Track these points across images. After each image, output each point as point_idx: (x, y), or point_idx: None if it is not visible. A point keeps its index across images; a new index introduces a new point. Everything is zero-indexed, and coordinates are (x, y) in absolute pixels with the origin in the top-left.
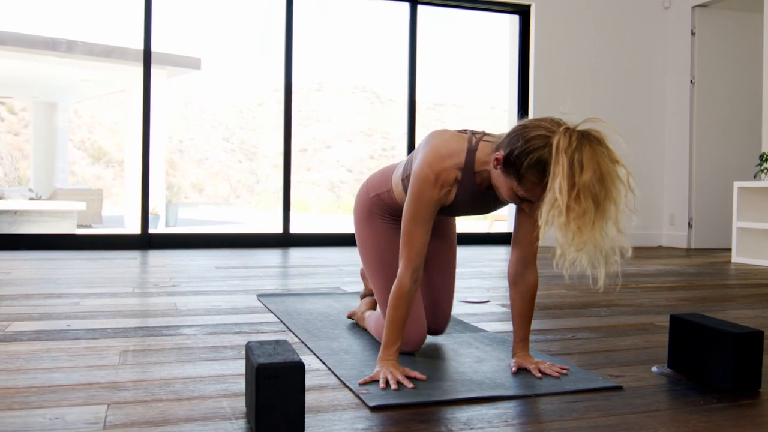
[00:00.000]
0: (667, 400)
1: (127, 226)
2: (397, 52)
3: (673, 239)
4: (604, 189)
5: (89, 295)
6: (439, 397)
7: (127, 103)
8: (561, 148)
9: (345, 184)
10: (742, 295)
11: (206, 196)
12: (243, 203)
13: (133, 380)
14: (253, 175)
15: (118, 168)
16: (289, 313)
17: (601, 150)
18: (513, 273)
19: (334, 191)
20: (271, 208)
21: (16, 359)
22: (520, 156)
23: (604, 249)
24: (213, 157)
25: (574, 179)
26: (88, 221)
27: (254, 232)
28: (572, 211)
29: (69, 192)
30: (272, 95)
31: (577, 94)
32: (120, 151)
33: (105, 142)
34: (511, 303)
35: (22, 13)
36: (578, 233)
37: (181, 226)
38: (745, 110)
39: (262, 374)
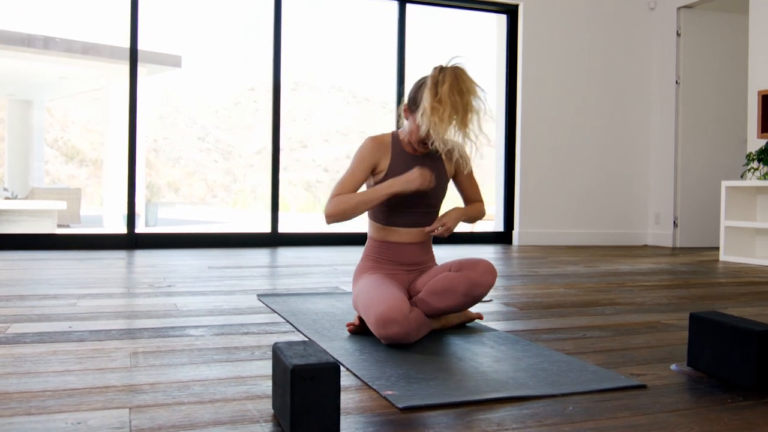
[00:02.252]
0: (693, 399)
1: (106, 226)
2: (375, 52)
3: (658, 238)
4: (462, 98)
5: (85, 295)
6: (467, 398)
7: (106, 101)
8: (431, 75)
9: (321, 184)
10: (740, 293)
11: (182, 196)
12: (220, 202)
13: (149, 383)
14: (228, 175)
15: (92, 167)
16: (293, 313)
17: (459, 72)
18: None
19: (310, 191)
20: (249, 208)
21: (23, 362)
22: (413, 93)
23: (466, 134)
24: (188, 157)
25: (436, 89)
26: (66, 221)
27: (242, 231)
28: (436, 111)
29: (47, 191)
30: (248, 94)
31: (564, 94)
32: (94, 150)
33: (79, 141)
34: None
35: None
36: (440, 124)
37: (161, 226)
38: (730, 110)
39: (297, 376)
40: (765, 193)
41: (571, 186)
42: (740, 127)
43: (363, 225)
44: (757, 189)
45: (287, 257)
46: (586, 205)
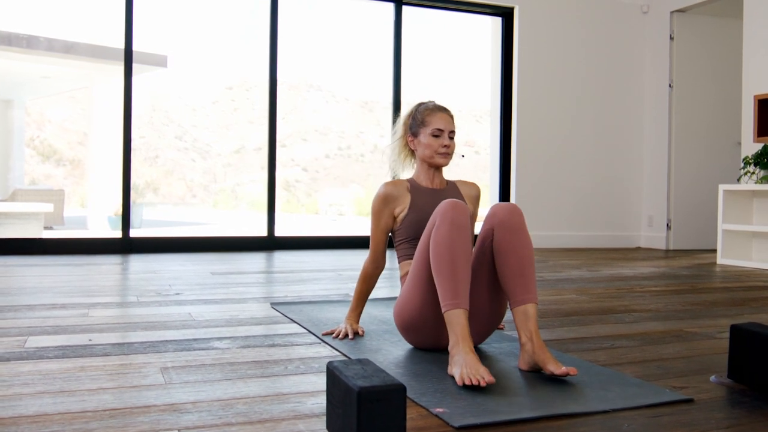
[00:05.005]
0: (744, 413)
1: (90, 228)
2: (359, 51)
3: (651, 240)
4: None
5: (95, 305)
6: (520, 415)
7: (90, 101)
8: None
9: (301, 183)
10: (750, 299)
11: (162, 196)
12: (200, 203)
13: (191, 401)
14: (207, 174)
15: (69, 166)
16: (313, 323)
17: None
18: None
19: (289, 190)
20: (231, 208)
21: (53, 379)
22: (410, 120)
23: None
24: (165, 156)
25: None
26: (49, 222)
27: (239, 235)
28: (434, 115)
29: (30, 192)
30: (226, 93)
31: (558, 97)
32: (71, 149)
33: (55, 140)
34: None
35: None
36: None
37: (146, 228)
38: (724, 114)
39: (364, 398)
40: (761, 197)
41: (565, 188)
42: (733, 131)
43: (361, 228)
44: (753, 192)
45: (287, 262)
46: (580, 207)
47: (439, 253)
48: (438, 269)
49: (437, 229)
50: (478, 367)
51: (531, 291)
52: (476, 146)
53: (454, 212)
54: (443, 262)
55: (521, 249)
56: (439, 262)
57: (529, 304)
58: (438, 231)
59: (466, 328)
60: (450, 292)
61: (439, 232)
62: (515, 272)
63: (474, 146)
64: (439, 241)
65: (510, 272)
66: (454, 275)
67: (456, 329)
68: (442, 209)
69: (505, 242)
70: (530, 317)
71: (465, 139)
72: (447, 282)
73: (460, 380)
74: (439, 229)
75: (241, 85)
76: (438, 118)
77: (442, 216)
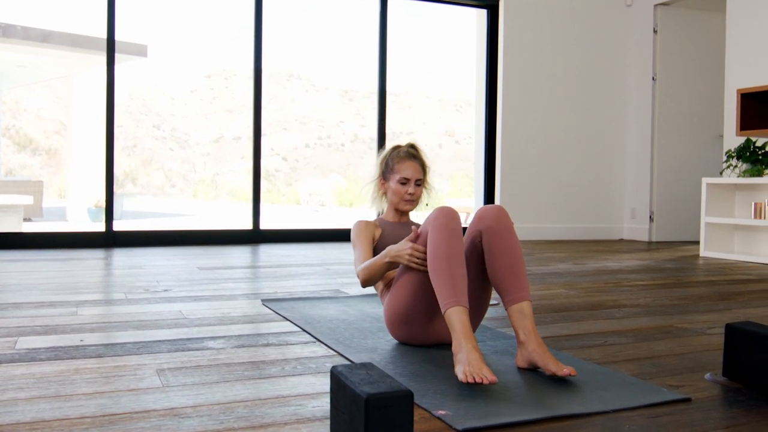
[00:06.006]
0: (742, 413)
1: (70, 220)
2: (340, 41)
3: (634, 232)
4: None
5: (83, 303)
6: (523, 417)
7: (68, 91)
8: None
9: (280, 173)
10: (736, 292)
11: (141, 186)
12: (180, 193)
13: (191, 405)
14: (186, 164)
15: (45, 156)
16: (307, 321)
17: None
18: None
19: (269, 179)
20: (211, 198)
21: (48, 383)
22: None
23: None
24: (143, 145)
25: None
26: (28, 214)
27: (224, 228)
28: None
29: (8, 184)
30: (204, 82)
31: (543, 89)
32: (48, 138)
33: (31, 129)
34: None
35: None
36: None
37: (127, 219)
38: (707, 108)
39: (372, 405)
40: (743, 190)
41: (549, 181)
42: (715, 124)
43: (344, 221)
44: (735, 186)
45: (274, 256)
46: (563, 199)
47: (437, 255)
48: (435, 271)
49: (432, 234)
50: (482, 366)
51: (524, 289)
52: (456, 136)
53: (447, 218)
54: (441, 264)
55: (511, 249)
56: (437, 264)
57: (524, 302)
58: (433, 236)
59: (468, 324)
60: (449, 291)
61: (434, 237)
62: (508, 272)
63: (454, 136)
64: (436, 245)
65: (502, 272)
66: (452, 275)
67: (457, 327)
68: (434, 216)
69: (495, 244)
70: (526, 315)
71: (446, 129)
72: (445, 282)
73: (463, 377)
74: (434, 234)
75: (219, 74)
76: (406, 166)
77: (435, 221)
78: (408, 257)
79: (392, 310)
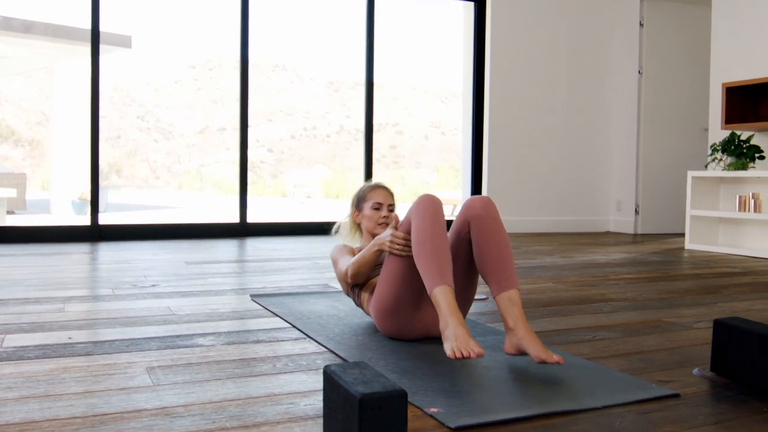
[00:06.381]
0: (730, 408)
1: (53, 212)
2: (324, 31)
3: (619, 225)
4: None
5: (70, 299)
6: (515, 414)
7: (51, 82)
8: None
9: (266, 165)
10: (721, 286)
11: (125, 178)
12: (165, 184)
13: (182, 404)
14: (170, 155)
15: (28, 147)
16: (296, 316)
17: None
18: None
19: (254, 171)
20: (197, 191)
21: (37, 382)
22: (356, 198)
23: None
24: (127, 136)
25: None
26: (11, 207)
27: (210, 221)
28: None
29: None
30: (188, 72)
31: (529, 82)
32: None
33: (13, 120)
34: None
35: None
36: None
37: (112, 212)
38: (692, 101)
39: (366, 406)
40: (728, 183)
41: (535, 173)
42: (701, 118)
43: (330, 214)
44: (720, 179)
45: (261, 249)
46: (549, 192)
47: (421, 239)
48: (420, 254)
49: (416, 219)
50: (468, 340)
51: (512, 278)
52: (442, 127)
53: (430, 204)
54: (425, 247)
55: (499, 238)
56: (421, 247)
57: (512, 290)
58: (418, 222)
59: (454, 303)
60: (434, 272)
61: (419, 223)
62: (495, 261)
63: (440, 127)
64: (420, 229)
65: (490, 261)
66: (436, 257)
67: (443, 306)
68: (417, 202)
69: (483, 233)
70: (515, 302)
71: (431, 120)
72: (431, 264)
73: (451, 353)
74: (419, 220)
75: (204, 65)
76: (377, 193)
77: (417, 207)
78: (389, 244)
79: (379, 301)
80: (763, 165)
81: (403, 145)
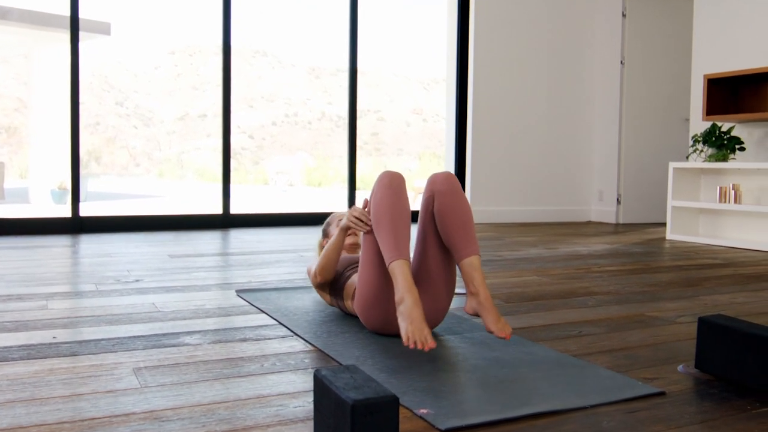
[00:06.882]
0: (715, 406)
1: (32, 201)
2: (304, 17)
3: (601, 214)
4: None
5: (53, 295)
6: (504, 415)
7: (29, 68)
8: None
9: (247, 151)
10: (703, 278)
11: (104, 165)
12: (145, 172)
13: (171, 407)
14: (150, 142)
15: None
16: (283, 313)
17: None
18: None
19: (236, 158)
20: (177, 178)
21: (23, 385)
22: (323, 229)
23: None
24: (105, 122)
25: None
26: None
27: (193, 213)
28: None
29: None
30: (168, 58)
31: (512, 72)
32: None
33: None
34: None
35: None
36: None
37: (92, 201)
38: (674, 91)
39: (358, 412)
40: (708, 174)
41: (518, 164)
42: (682, 109)
43: (314, 204)
44: (701, 170)
45: (245, 242)
46: (532, 181)
47: (379, 213)
48: (379, 229)
49: (376, 194)
50: (423, 327)
51: (473, 245)
52: (424, 114)
53: (391, 179)
54: (383, 222)
55: (460, 208)
56: (379, 221)
57: (474, 256)
58: (377, 195)
59: (409, 278)
60: (391, 246)
61: (377, 197)
62: (458, 229)
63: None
64: (378, 203)
65: (453, 230)
66: (394, 231)
67: (399, 280)
68: (379, 178)
69: (446, 204)
70: (476, 268)
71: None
72: (388, 238)
73: (406, 339)
74: (378, 194)
75: (184, 50)
76: (342, 214)
77: (379, 183)
78: (349, 220)
79: (360, 295)
80: (744, 156)
81: (385, 132)
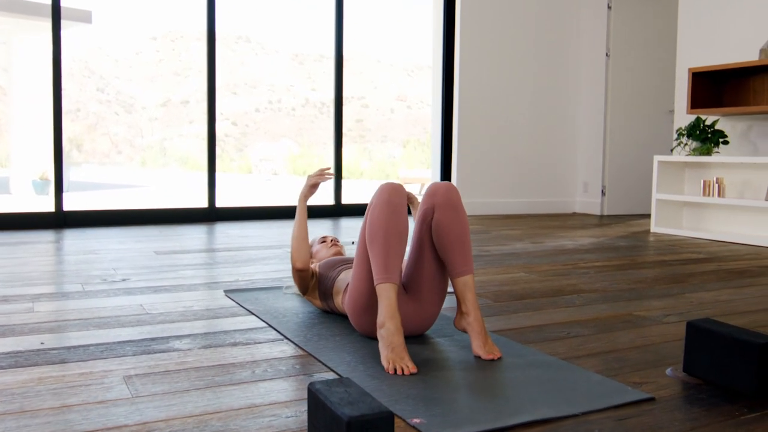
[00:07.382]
0: (703, 412)
1: (13, 191)
2: (288, 2)
3: (586, 206)
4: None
5: (38, 296)
6: (497, 424)
7: (9, 57)
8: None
9: (230, 138)
10: (688, 274)
11: (86, 153)
12: (127, 160)
13: (162, 419)
14: (132, 129)
15: None
16: (272, 315)
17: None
18: None
19: (219, 145)
20: (160, 167)
21: (12, 396)
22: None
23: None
24: (86, 109)
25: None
26: None
27: (179, 206)
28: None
29: None
30: (149, 44)
31: (498, 64)
32: None
33: None
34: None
35: None
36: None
37: (74, 191)
38: (659, 84)
39: (354, 428)
40: (692, 168)
41: (503, 155)
42: (667, 101)
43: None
44: (685, 163)
45: (231, 237)
46: (517, 173)
47: (374, 231)
48: (372, 247)
49: (374, 209)
50: (403, 355)
51: (469, 263)
52: (408, 101)
53: (390, 194)
54: (377, 240)
55: (459, 224)
56: (373, 240)
57: (468, 276)
58: (374, 210)
59: (394, 303)
60: (381, 267)
61: (375, 212)
62: (454, 246)
63: (406, 101)
64: (374, 221)
65: (449, 246)
66: (386, 252)
67: (383, 304)
68: (379, 191)
69: (446, 219)
70: (470, 288)
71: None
72: (379, 258)
73: (386, 364)
74: (375, 210)
75: (165, 36)
76: (321, 238)
77: (378, 197)
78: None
79: (352, 299)
80: (727, 150)
81: (369, 119)
